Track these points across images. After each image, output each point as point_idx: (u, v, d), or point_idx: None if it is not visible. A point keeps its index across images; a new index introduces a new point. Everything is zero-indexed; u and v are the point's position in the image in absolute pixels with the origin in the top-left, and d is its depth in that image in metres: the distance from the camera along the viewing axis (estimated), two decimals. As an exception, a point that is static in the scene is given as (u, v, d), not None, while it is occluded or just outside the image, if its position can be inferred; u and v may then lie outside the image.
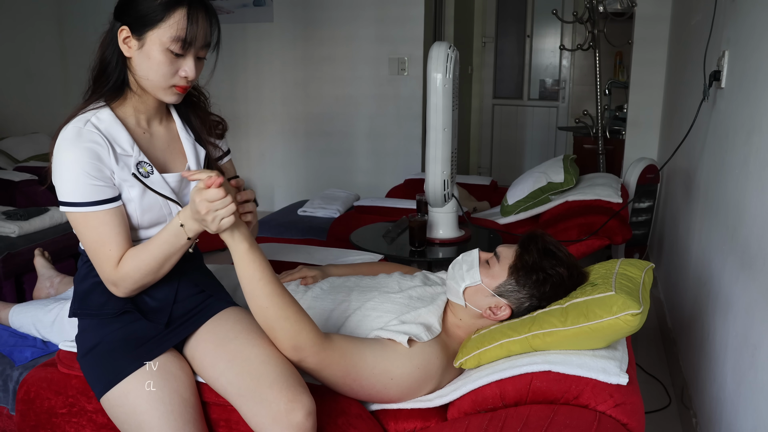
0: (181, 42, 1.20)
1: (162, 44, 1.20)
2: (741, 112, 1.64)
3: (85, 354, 1.29)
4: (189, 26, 1.20)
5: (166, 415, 1.19)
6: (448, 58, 2.13)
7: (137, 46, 1.21)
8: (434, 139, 2.20)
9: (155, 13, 1.18)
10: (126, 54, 1.23)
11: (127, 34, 1.21)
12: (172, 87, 1.25)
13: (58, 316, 1.64)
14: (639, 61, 3.65)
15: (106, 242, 1.21)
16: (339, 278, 1.59)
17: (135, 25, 1.20)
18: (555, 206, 2.77)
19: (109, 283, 1.24)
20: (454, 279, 1.38)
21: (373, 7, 4.11)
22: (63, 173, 1.20)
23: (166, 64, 1.21)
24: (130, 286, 1.24)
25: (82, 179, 1.19)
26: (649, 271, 1.35)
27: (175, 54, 1.21)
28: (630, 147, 3.77)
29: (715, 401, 1.65)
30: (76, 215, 1.21)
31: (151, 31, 1.19)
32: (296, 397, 1.15)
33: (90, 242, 1.22)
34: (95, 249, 1.22)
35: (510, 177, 3.72)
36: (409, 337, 1.29)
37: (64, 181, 1.20)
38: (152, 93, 1.27)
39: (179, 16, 1.19)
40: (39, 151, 4.17)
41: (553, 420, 1.09)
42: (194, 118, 1.40)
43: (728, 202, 1.70)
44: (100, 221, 1.21)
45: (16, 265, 2.55)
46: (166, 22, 1.19)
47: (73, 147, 1.20)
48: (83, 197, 1.20)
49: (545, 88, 5.73)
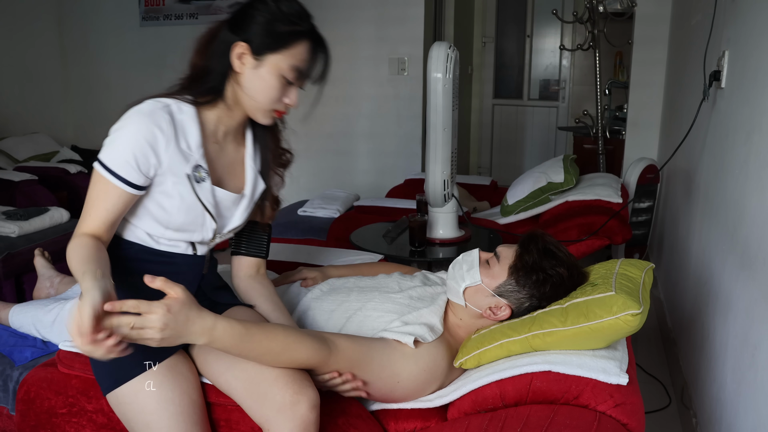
0: (298, 72, 1.21)
1: (279, 70, 1.20)
2: (741, 112, 1.64)
3: None
4: (309, 59, 1.21)
5: (176, 415, 1.19)
6: (448, 58, 2.13)
7: (252, 65, 1.21)
8: (434, 139, 2.20)
9: (281, 39, 1.19)
10: (236, 69, 1.22)
11: (244, 51, 1.20)
12: (272, 111, 1.26)
13: (58, 316, 1.64)
14: (639, 61, 3.65)
15: (98, 209, 1.20)
16: (339, 279, 1.59)
17: (256, 45, 1.19)
18: (555, 206, 2.76)
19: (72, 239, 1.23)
20: (454, 279, 1.38)
21: (373, 7, 4.11)
22: (117, 139, 1.18)
23: (277, 89, 1.22)
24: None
25: (126, 153, 1.17)
26: (649, 271, 1.35)
27: (287, 81, 1.22)
28: (630, 147, 3.77)
29: (715, 401, 1.65)
30: (97, 175, 1.20)
31: (271, 54, 1.19)
32: (301, 389, 1.16)
33: (89, 199, 1.22)
34: (88, 207, 1.21)
35: (510, 177, 3.72)
36: (415, 338, 1.29)
37: (113, 145, 1.18)
38: (250, 111, 1.27)
39: (303, 47, 1.20)
40: (39, 151, 4.17)
41: (553, 420, 1.09)
42: (269, 142, 1.39)
43: (728, 202, 1.70)
44: (108, 192, 1.19)
45: (16, 265, 2.55)
46: (289, 50, 1.19)
47: (139, 122, 1.18)
48: (115, 166, 1.18)
49: (545, 88, 5.73)
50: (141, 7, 4.56)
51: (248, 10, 1.21)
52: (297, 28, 1.20)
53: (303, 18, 1.22)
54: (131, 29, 4.64)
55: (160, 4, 4.51)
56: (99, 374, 1.27)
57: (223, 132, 1.31)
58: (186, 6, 4.46)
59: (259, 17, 1.19)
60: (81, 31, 4.75)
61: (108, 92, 4.82)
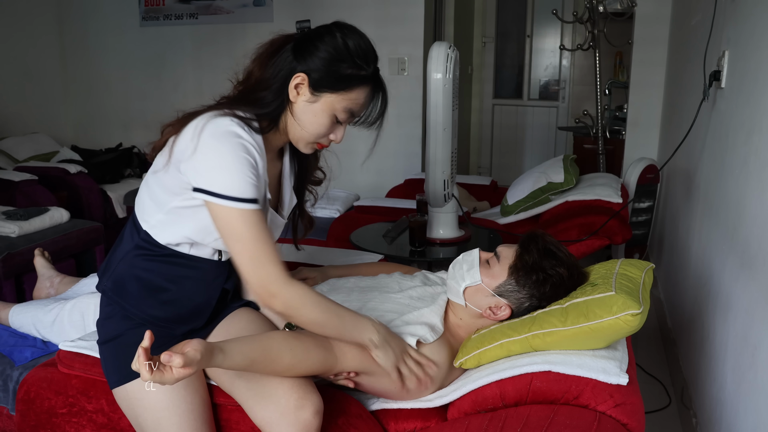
0: (351, 114, 1.21)
1: (333, 110, 1.19)
2: (741, 112, 1.64)
3: (106, 342, 1.28)
4: (365, 104, 1.21)
5: (187, 413, 1.20)
6: (448, 58, 2.13)
7: (308, 98, 1.19)
8: (434, 139, 2.20)
9: (342, 81, 1.17)
10: (291, 98, 1.20)
11: (303, 83, 1.18)
12: (315, 143, 1.25)
13: (58, 316, 1.64)
14: (639, 61, 3.65)
15: (269, 241, 1.13)
16: (339, 279, 1.59)
17: (315, 80, 1.17)
18: (555, 206, 2.76)
19: (267, 291, 1.14)
20: (454, 279, 1.38)
21: (373, 7, 4.10)
22: (220, 166, 1.11)
23: (326, 126, 1.21)
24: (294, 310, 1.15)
25: (244, 174, 1.11)
26: (649, 271, 1.35)
27: (338, 120, 1.21)
28: (630, 147, 3.77)
29: (715, 401, 1.64)
30: (232, 211, 1.11)
31: (329, 93, 1.18)
32: (305, 394, 1.16)
33: (250, 240, 1.12)
34: (257, 248, 1.12)
35: (510, 177, 3.72)
36: (417, 338, 1.29)
37: (219, 173, 1.10)
38: (293, 140, 1.25)
39: (362, 93, 1.19)
40: (39, 151, 4.16)
41: (553, 420, 1.09)
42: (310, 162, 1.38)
43: (728, 202, 1.70)
44: (259, 219, 1.13)
45: (16, 265, 2.55)
46: (347, 94, 1.18)
47: (232, 139, 1.11)
48: (243, 192, 1.11)
49: (545, 88, 5.73)
50: (141, 7, 4.56)
51: (316, 40, 1.18)
52: (360, 72, 1.18)
53: (368, 61, 1.19)
54: (131, 29, 4.64)
55: (160, 4, 4.51)
56: (108, 368, 1.26)
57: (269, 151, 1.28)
58: (186, 6, 4.46)
59: (323, 51, 1.17)
60: (81, 31, 4.75)
61: (108, 92, 4.82)
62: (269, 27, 4.36)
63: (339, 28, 1.20)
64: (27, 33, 4.52)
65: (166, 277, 1.27)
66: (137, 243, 1.26)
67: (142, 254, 1.26)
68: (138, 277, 1.27)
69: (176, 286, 1.27)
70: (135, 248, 1.27)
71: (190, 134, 1.13)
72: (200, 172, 1.12)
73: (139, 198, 1.29)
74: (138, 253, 1.26)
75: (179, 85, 4.62)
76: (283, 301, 1.14)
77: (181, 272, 1.27)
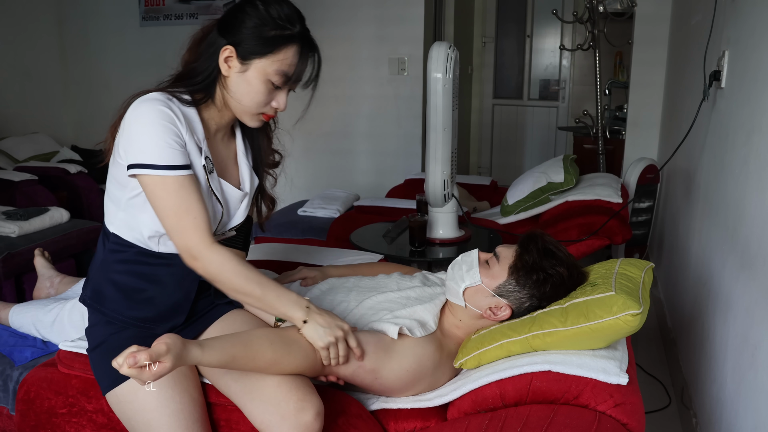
0: (285, 77, 1.20)
1: (265, 74, 1.19)
2: (741, 112, 1.64)
3: (95, 348, 1.29)
4: (297, 63, 1.20)
5: (176, 413, 1.19)
6: (448, 58, 2.13)
7: (239, 69, 1.20)
8: (434, 139, 2.20)
9: (268, 44, 1.17)
10: (224, 72, 1.21)
11: (231, 55, 1.19)
12: (259, 114, 1.25)
13: (58, 316, 1.64)
14: (639, 61, 3.65)
15: (191, 209, 1.15)
16: (338, 279, 1.59)
17: (243, 49, 1.18)
18: (555, 206, 2.76)
19: (189, 254, 1.16)
20: (453, 279, 1.38)
21: (372, 7, 4.10)
22: (140, 133, 1.13)
23: (263, 93, 1.21)
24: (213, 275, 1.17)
25: (162, 140, 1.13)
26: (649, 271, 1.35)
27: (275, 86, 1.21)
28: (630, 147, 3.77)
29: (715, 401, 1.64)
30: (154, 179, 1.14)
31: (258, 59, 1.18)
32: (306, 397, 1.15)
33: (171, 208, 1.15)
34: (178, 216, 1.15)
35: (510, 177, 3.72)
36: (401, 328, 1.28)
37: (140, 141, 1.13)
38: (237, 114, 1.26)
39: (290, 52, 1.19)
40: (39, 151, 4.17)
41: (553, 420, 1.09)
42: (261, 142, 1.38)
43: (728, 202, 1.70)
44: (181, 185, 1.15)
45: (16, 265, 2.55)
46: (275, 55, 1.18)
47: (152, 107, 1.14)
48: (162, 159, 1.13)
49: (545, 88, 5.72)
50: (141, 7, 4.56)
51: (238, 14, 1.20)
52: (285, 32, 1.18)
53: (292, 21, 1.20)
54: (131, 29, 4.64)
55: (160, 4, 4.51)
56: (98, 374, 1.27)
57: (214, 129, 1.30)
58: (186, 6, 4.46)
59: (248, 21, 1.18)
60: (81, 31, 4.75)
61: (108, 92, 4.82)
62: (269, 27, 4.37)
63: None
64: (27, 33, 4.52)
65: (140, 277, 1.28)
66: (109, 248, 1.29)
67: (115, 259, 1.28)
68: (113, 281, 1.28)
69: (151, 284, 1.28)
70: (107, 253, 1.29)
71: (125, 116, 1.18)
72: (126, 147, 1.16)
73: (105, 206, 1.32)
74: (111, 258, 1.28)
75: (179, 85, 4.62)
76: (203, 264, 1.17)
77: (154, 270, 1.28)
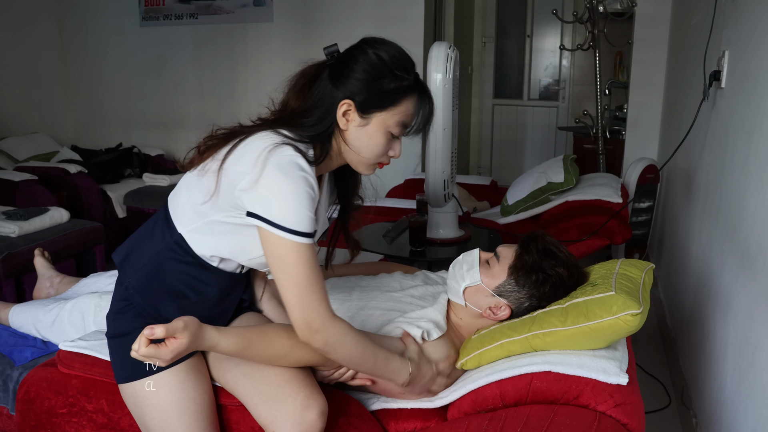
0: (405, 127, 1.19)
1: (386, 127, 1.17)
2: (741, 112, 1.64)
3: (116, 336, 1.27)
4: (416, 113, 1.19)
5: (196, 414, 1.20)
6: (448, 58, 2.13)
7: (359, 123, 1.17)
8: (434, 139, 2.20)
9: (388, 97, 1.15)
10: (342, 126, 1.18)
11: (350, 109, 1.16)
12: (376, 163, 1.23)
13: (58, 316, 1.64)
14: (639, 61, 3.65)
15: (318, 281, 1.11)
16: (340, 278, 1.59)
17: (362, 103, 1.15)
18: (555, 206, 2.76)
19: (309, 327, 1.11)
20: (454, 279, 1.38)
21: (373, 7, 4.10)
22: (286, 195, 1.08)
23: (383, 145, 1.19)
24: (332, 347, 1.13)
25: (305, 207, 1.09)
26: (649, 271, 1.35)
27: (393, 135, 1.19)
28: (630, 147, 3.77)
29: (715, 401, 1.64)
30: (287, 242, 1.09)
31: (378, 112, 1.16)
32: (311, 395, 1.17)
33: (300, 279, 1.10)
34: (308, 288, 1.10)
35: (510, 177, 3.72)
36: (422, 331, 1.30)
37: (285, 204, 1.09)
38: (353, 164, 1.23)
39: (411, 103, 1.18)
40: (39, 151, 4.17)
41: (553, 420, 1.09)
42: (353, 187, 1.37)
43: (728, 202, 1.70)
44: (312, 254, 1.11)
45: (16, 265, 2.55)
46: (396, 108, 1.16)
47: (297, 174, 1.09)
48: (302, 226, 1.09)
49: (545, 88, 5.72)
50: (141, 7, 4.56)
51: (349, 62, 1.16)
52: (404, 83, 1.16)
53: (408, 69, 1.17)
54: (131, 29, 4.64)
55: (160, 4, 4.51)
56: (117, 363, 1.25)
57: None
58: (186, 6, 4.46)
59: (360, 72, 1.15)
60: (81, 31, 4.75)
61: (108, 92, 4.82)
62: (269, 27, 4.36)
63: (369, 44, 1.17)
64: (27, 33, 4.52)
65: (188, 285, 1.25)
66: (169, 244, 1.24)
67: (172, 257, 1.24)
68: (164, 280, 1.25)
69: (197, 294, 1.26)
70: (166, 249, 1.24)
71: (252, 160, 1.10)
72: (260, 201, 1.10)
73: (177, 199, 1.26)
74: (168, 255, 1.24)
75: (179, 85, 4.62)
76: (324, 338, 1.12)
77: (204, 281, 1.26)
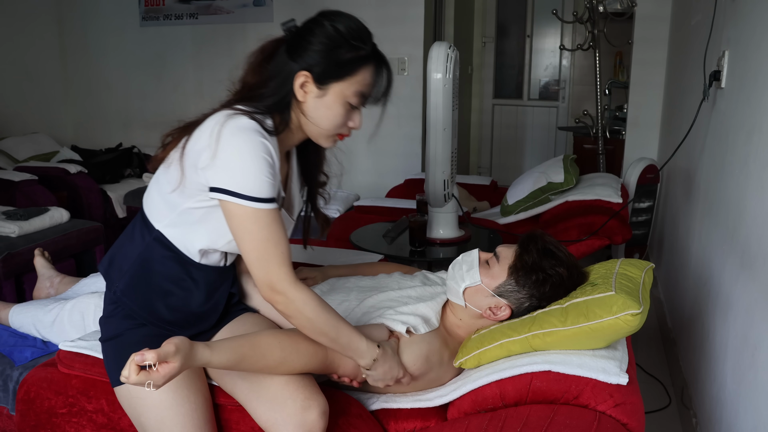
0: (363, 97, 1.20)
1: (344, 97, 1.18)
2: (741, 112, 1.64)
3: (109, 340, 1.28)
4: (374, 82, 1.19)
5: (190, 413, 1.20)
6: (448, 58, 2.13)
7: (316, 94, 1.18)
8: (434, 139, 2.20)
9: (344, 67, 1.16)
10: (299, 98, 1.19)
11: (307, 80, 1.17)
12: (336, 135, 1.24)
13: (58, 316, 1.64)
14: (639, 61, 3.65)
15: (279, 243, 1.13)
16: (339, 279, 1.59)
17: (318, 74, 1.16)
18: (555, 206, 2.76)
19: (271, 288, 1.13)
20: (454, 279, 1.38)
21: (373, 7, 4.10)
22: (242, 162, 1.10)
23: (342, 115, 1.20)
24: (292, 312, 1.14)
25: (261, 173, 1.10)
26: (649, 271, 1.35)
27: (352, 106, 1.20)
28: (630, 147, 3.77)
29: (715, 401, 1.64)
30: (246, 209, 1.11)
31: (335, 83, 1.17)
32: (312, 395, 1.16)
33: (259, 241, 1.12)
34: (266, 250, 1.12)
35: (510, 177, 3.72)
36: (408, 327, 1.29)
37: (239, 171, 1.10)
38: (313, 137, 1.25)
39: (367, 72, 1.18)
40: (39, 151, 4.17)
41: (553, 420, 1.09)
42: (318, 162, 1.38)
43: (728, 202, 1.70)
44: (273, 219, 1.13)
45: (16, 265, 2.55)
46: (353, 77, 1.17)
47: (253, 139, 1.10)
48: (260, 192, 1.11)
49: (545, 88, 5.73)
50: (141, 7, 4.56)
51: (306, 35, 1.17)
52: (360, 53, 1.17)
53: (364, 39, 1.18)
54: (131, 29, 4.64)
55: (160, 4, 4.51)
56: (111, 366, 1.26)
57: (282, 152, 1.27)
58: (186, 6, 4.46)
59: (317, 43, 1.16)
60: (81, 31, 4.75)
61: (108, 92, 4.82)
62: (269, 27, 4.36)
63: (325, 16, 1.19)
64: (27, 33, 4.52)
65: (174, 282, 1.26)
66: (149, 243, 1.25)
67: (155, 256, 1.25)
68: (150, 280, 1.26)
69: (184, 291, 1.27)
70: (147, 248, 1.25)
71: (207, 135, 1.12)
72: (219, 173, 1.11)
73: (149, 197, 1.27)
74: (150, 254, 1.25)
75: (179, 85, 4.62)
76: (284, 300, 1.14)
77: (190, 277, 1.26)
